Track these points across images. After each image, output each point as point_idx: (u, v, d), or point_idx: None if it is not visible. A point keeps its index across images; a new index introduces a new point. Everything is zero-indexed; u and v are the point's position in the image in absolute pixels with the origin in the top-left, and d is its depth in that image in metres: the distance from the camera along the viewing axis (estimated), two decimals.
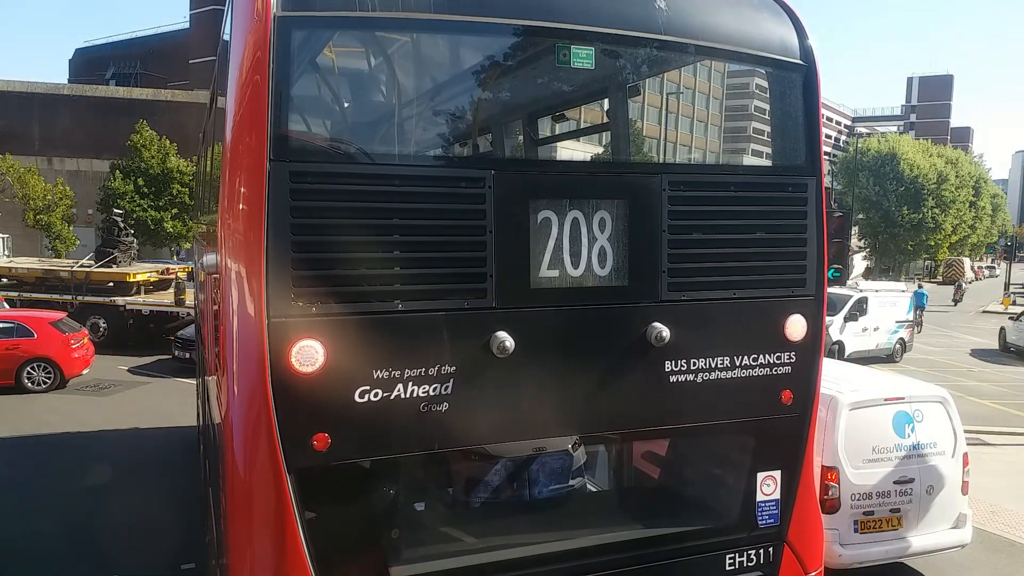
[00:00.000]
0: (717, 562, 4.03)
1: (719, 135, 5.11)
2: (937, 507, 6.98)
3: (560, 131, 4.89)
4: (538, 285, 3.50)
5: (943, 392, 7.53)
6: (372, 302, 3.24)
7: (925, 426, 7.07)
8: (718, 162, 5.00)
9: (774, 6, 4.13)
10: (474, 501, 4.31)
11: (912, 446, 6.97)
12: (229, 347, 3.34)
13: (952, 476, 7.11)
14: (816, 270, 4.04)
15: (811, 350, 4.06)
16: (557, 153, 4.99)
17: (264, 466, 3.22)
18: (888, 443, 6.91)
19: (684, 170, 4.25)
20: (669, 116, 4.73)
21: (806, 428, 4.14)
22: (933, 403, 7.28)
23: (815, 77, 4.06)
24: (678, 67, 4.42)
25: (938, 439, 7.13)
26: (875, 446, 6.86)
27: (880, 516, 6.82)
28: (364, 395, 3.22)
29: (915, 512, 6.92)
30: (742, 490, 4.13)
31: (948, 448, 7.18)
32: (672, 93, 4.78)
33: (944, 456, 7.13)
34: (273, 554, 3.30)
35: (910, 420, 7.04)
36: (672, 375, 3.75)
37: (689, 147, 5.09)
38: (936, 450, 7.10)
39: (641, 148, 4.60)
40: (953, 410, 7.33)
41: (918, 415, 7.08)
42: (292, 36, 3.14)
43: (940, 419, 7.23)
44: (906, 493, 6.87)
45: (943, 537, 7.08)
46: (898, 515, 6.90)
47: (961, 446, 7.25)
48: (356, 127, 3.88)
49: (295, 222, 3.09)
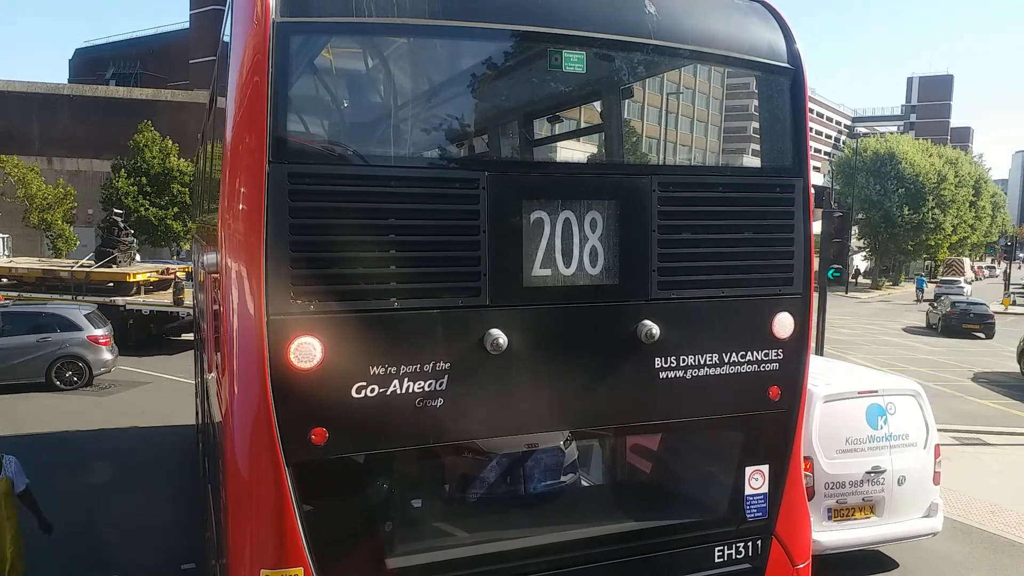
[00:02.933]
0: (706, 555, 4.11)
1: (719, 135, 5.17)
2: (909, 496, 7.21)
3: (552, 133, 4.97)
4: (531, 284, 3.58)
5: (916, 386, 7.76)
6: (369, 300, 3.33)
7: (898, 418, 7.32)
8: (718, 163, 5.07)
9: (762, 11, 4.21)
10: (467, 496, 4.39)
11: (884, 437, 7.23)
12: (229, 344, 3.41)
13: (924, 467, 7.36)
14: (803, 269, 4.12)
15: (798, 347, 4.14)
16: (550, 155, 5.08)
17: (264, 460, 3.30)
18: (861, 434, 7.16)
19: (673, 171, 4.33)
20: (662, 117, 4.81)
21: (793, 423, 4.22)
22: (906, 396, 7.52)
23: (802, 80, 4.14)
24: (668, 70, 4.51)
25: (910, 431, 7.38)
26: (848, 437, 7.10)
27: (853, 505, 7.07)
28: (361, 391, 3.30)
29: (887, 501, 7.16)
30: (731, 484, 4.21)
31: (920, 440, 7.42)
32: (672, 93, 4.86)
33: (916, 447, 7.37)
34: (272, 545, 3.37)
35: (883, 412, 7.27)
36: (662, 371, 3.84)
37: (686, 147, 5.18)
38: (908, 442, 7.34)
39: (632, 149, 4.66)
40: (925, 403, 7.56)
41: (891, 408, 7.31)
42: (290, 41, 3.22)
43: (912, 412, 7.47)
44: (878, 483, 7.11)
45: (915, 525, 7.31)
46: (870, 504, 7.14)
47: (933, 438, 7.48)
48: (353, 129, 3.96)
49: (293, 222, 3.17)
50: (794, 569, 4.29)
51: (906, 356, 23.61)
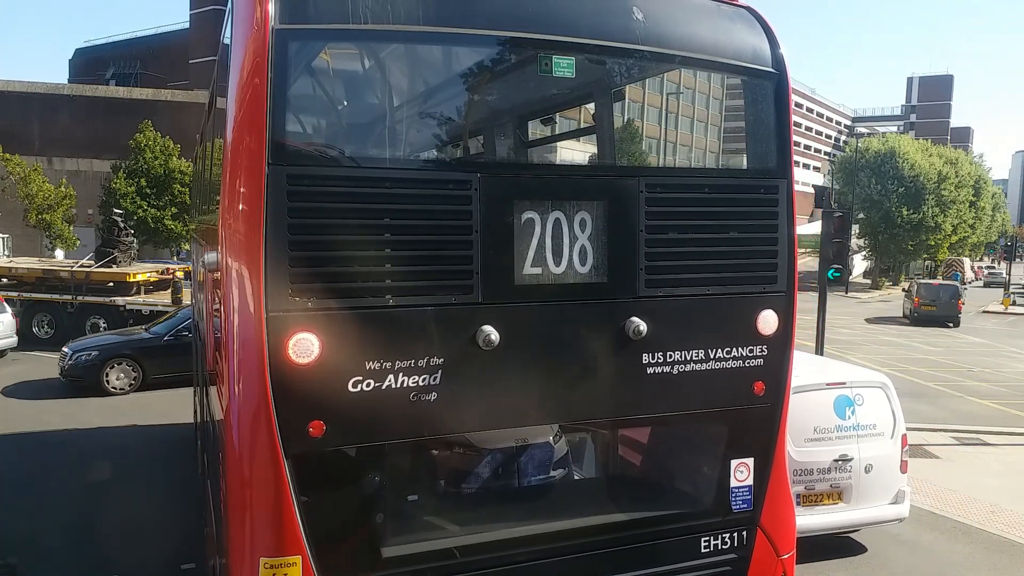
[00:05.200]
0: (693, 545, 4.21)
1: (712, 135, 5.27)
2: (876, 483, 7.45)
3: (544, 136, 5.08)
4: (522, 282, 3.69)
5: (884, 378, 8.05)
6: (365, 297, 3.43)
7: (865, 409, 7.61)
8: (704, 163, 5.18)
9: (748, 17, 4.32)
10: (459, 488, 4.49)
11: (852, 427, 7.53)
12: (230, 340, 3.51)
13: (891, 455, 7.65)
14: (787, 267, 4.23)
15: (782, 343, 4.25)
16: (540, 157, 5.19)
17: (263, 452, 3.39)
18: (829, 424, 7.45)
19: (660, 173, 4.44)
20: (652, 119, 4.92)
21: (778, 417, 4.33)
22: (873, 388, 7.82)
23: (786, 84, 4.25)
24: (656, 75, 4.61)
25: (877, 421, 7.67)
26: (816, 427, 7.37)
27: (821, 491, 7.36)
28: (357, 385, 3.40)
29: (855, 488, 7.44)
30: (716, 477, 4.31)
31: (887, 430, 7.71)
32: (671, 94, 4.94)
33: (883, 437, 7.67)
34: (271, 534, 3.47)
35: (851, 403, 7.57)
36: (649, 367, 3.95)
37: (675, 148, 5.29)
38: (875, 431, 7.63)
39: (621, 150, 4.77)
40: (893, 395, 7.87)
41: (859, 399, 7.62)
42: (289, 47, 3.32)
43: (880, 403, 7.77)
44: (846, 470, 7.41)
45: (882, 511, 7.57)
46: (838, 490, 7.44)
47: (900, 428, 7.78)
48: (350, 132, 4.04)
49: (292, 222, 3.27)
50: (778, 559, 4.40)
51: (906, 356, 23.68)
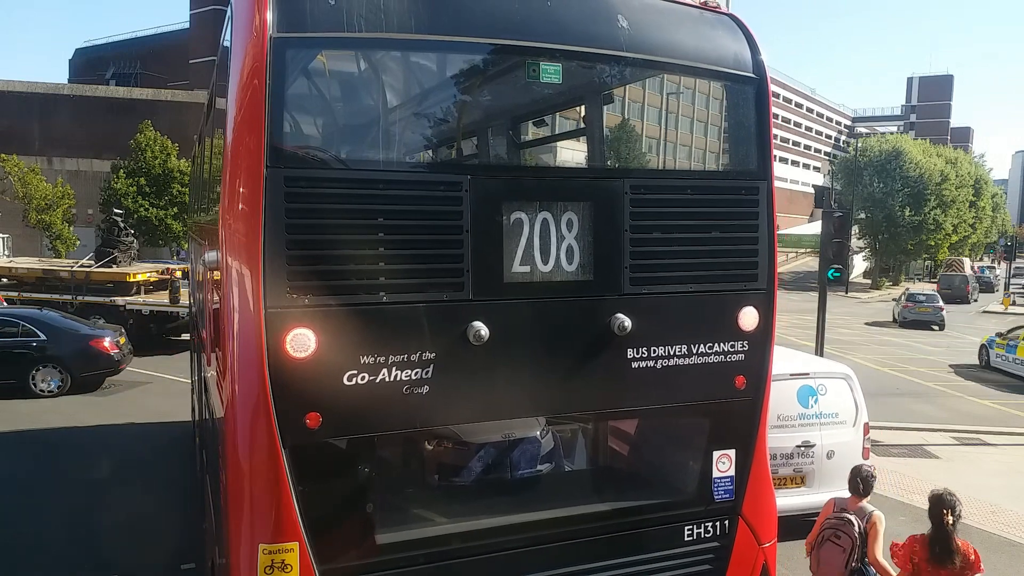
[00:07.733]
0: (677, 533, 4.36)
1: (704, 137, 5.39)
2: (838, 469, 7.64)
3: (532, 138, 5.23)
4: (511, 280, 3.83)
5: (847, 370, 8.43)
6: (359, 294, 3.58)
7: (828, 398, 7.97)
8: (702, 165, 5.31)
9: (729, 24, 4.47)
10: (451, 479, 4.63)
11: (815, 415, 7.89)
12: (230, 336, 3.65)
13: (852, 442, 8.01)
14: (767, 265, 4.37)
15: (763, 339, 4.40)
16: (529, 159, 5.34)
17: (262, 443, 3.53)
18: (792, 412, 7.80)
19: (644, 174, 4.59)
20: (637, 123, 5.05)
21: (758, 410, 4.48)
22: (837, 379, 8.20)
23: (766, 89, 4.40)
24: (641, 80, 4.76)
25: (839, 410, 8.04)
26: (780, 414, 7.65)
27: (784, 475, 7.73)
28: (352, 378, 3.54)
29: (816, 473, 7.84)
30: (699, 468, 4.46)
31: (849, 418, 8.08)
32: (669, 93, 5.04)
33: (845, 425, 8.05)
34: (269, 522, 3.60)
35: (814, 393, 7.96)
36: (634, 361, 4.09)
37: (663, 149, 5.42)
38: (837, 420, 8.01)
39: (607, 152, 4.91)
40: (856, 385, 8.22)
41: (822, 389, 8.00)
42: (286, 55, 3.46)
43: (843, 393, 8.13)
44: (808, 456, 7.80)
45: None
46: (801, 475, 7.85)
47: (862, 417, 8.12)
48: (345, 136, 4.17)
49: (290, 222, 3.41)
50: (760, 548, 4.54)
51: (905, 356, 23.82)
